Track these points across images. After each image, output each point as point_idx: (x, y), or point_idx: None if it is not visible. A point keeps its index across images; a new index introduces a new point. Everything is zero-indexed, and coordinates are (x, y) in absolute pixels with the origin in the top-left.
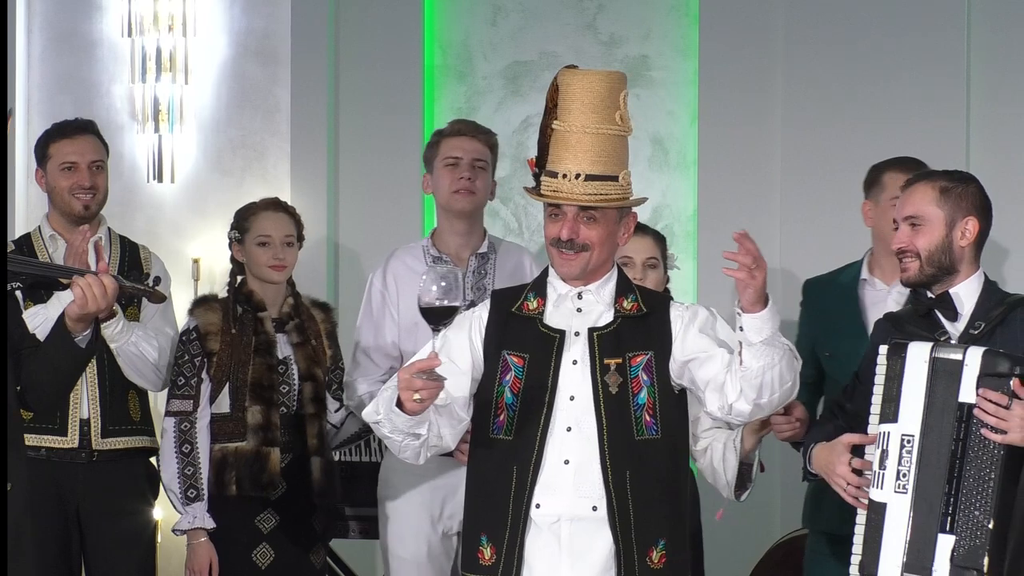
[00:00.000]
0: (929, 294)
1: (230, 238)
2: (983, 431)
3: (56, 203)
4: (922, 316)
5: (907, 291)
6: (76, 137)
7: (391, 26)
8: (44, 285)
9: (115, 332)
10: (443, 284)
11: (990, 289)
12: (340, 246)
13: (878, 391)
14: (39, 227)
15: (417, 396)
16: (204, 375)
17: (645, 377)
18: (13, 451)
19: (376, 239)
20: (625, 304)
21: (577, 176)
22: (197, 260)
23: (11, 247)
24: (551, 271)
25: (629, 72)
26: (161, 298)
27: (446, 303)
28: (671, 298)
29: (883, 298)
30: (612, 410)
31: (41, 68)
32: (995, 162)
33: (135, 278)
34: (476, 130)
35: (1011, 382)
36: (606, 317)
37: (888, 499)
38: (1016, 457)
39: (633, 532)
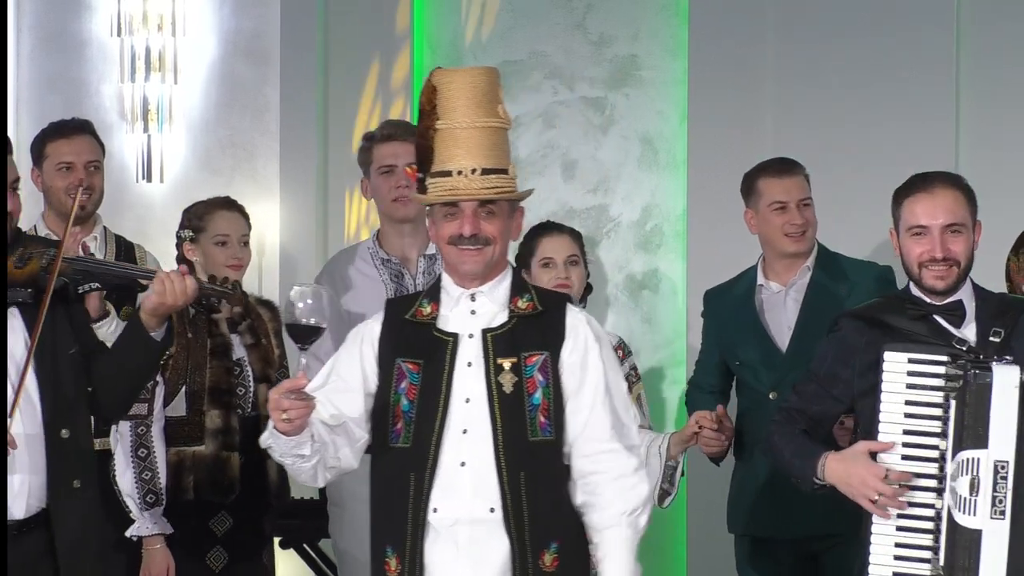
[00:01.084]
0: (927, 300)
1: (182, 237)
2: None
3: (52, 203)
4: (915, 320)
5: (804, 289)
6: (73, 137)
7: (380, 25)
8: (123, 288)
9: (108, 332)
10: (309, 303)
11: (981, 290)
12: (329, 244)
13: (895, 399)
14: (34, 226)
15: (285, 416)
16: (158, 378)
17: (540, 377)
18: (84, 451)
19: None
20: (520, 303)
21: (473, 171)
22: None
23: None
24: (444, 275)
25: (619, 71)
26: (239, 301)
27: (312, 322)
28: (569, 298)
29: (780, 300)
30: (506, 411)
31: (30, 67)
32: (984, 162)
33: (212, 280)
34: (409, 132)
35: None
36: (500, 317)
37: (984, 526)
38: None
39: (527, 535)
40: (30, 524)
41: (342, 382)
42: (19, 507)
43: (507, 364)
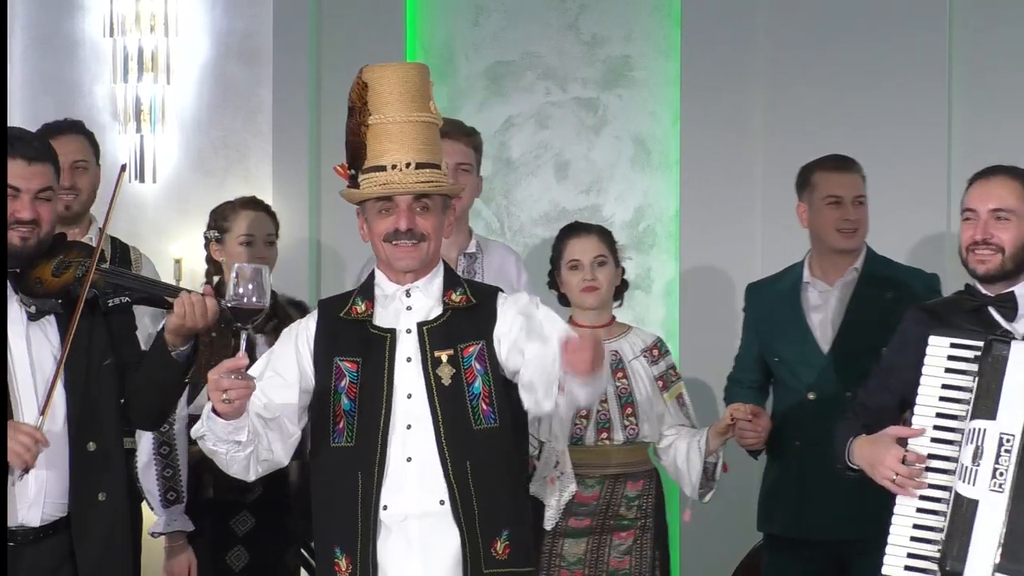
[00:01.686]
0: (983, 291)
1: (208, 238)
2: None
3: None
4: (969, 312)
5: (850, 290)
6: (57, 137)
7: (373, 26)
8: (151, 302)
9: None
10: (250, 285)
11: None
12: (322, 246)
13: (932, 383)
14: None
15: (225, 396)
16: None
17: (479, 366)
18: (112, 463)
19: (358, 239)
20: (454, 297)
21: (408, 165)
22: (179, 260)
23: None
24: (377, 273)
25: (611, 72)
26: (271, 316)
27: (254, 301)
28: (500, 290)
29: (827, 299)
30: (447, 402)
31: (22, 68)
32: (977, 165)
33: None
34: (459, 131)
35: None
36: (435, 311)
37: (981, 496)
38: None
39: (477, 524)
40: (47, 531)
41: (278, 377)
42: (35, 515)
43: (444, 356)
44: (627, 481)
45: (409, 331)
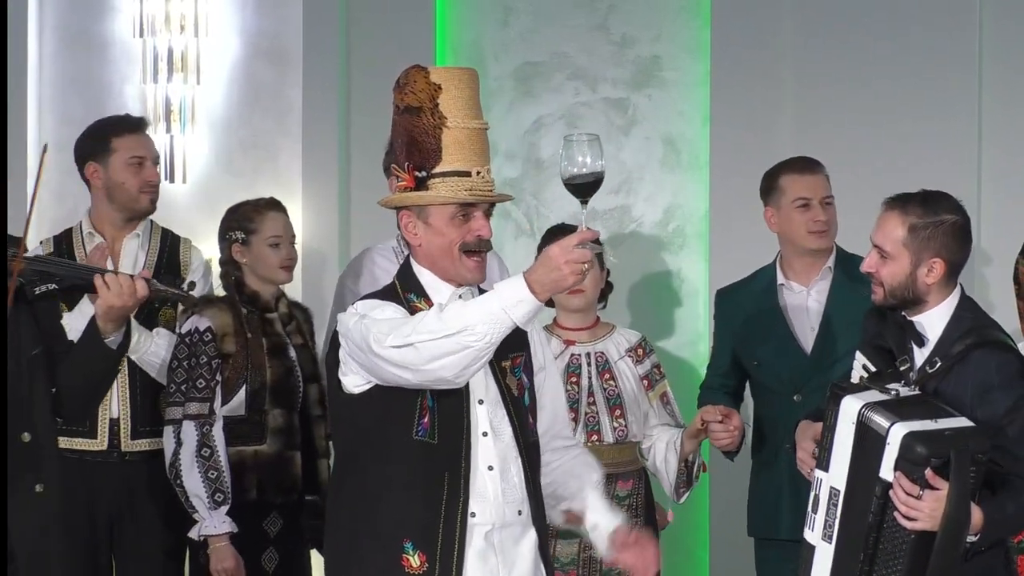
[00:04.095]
0: (903, 312)
1: (232, 238)
2: (895, 514)
3: (118, 198)
4: (897, 327)
5: (826, 290)
6: (141, 133)
7: (402, 27)
8: (79, 288)
9: (133, 344)
10: (588, 158)
11: (960, 318)
12: (352, 245)
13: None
14: (80, 223)
15: (586, 267)
16: (218, 376)
17: (525, 379)
18: (46, 453)
19: (387, 239)
20: None
21: (488, 172)
22: (209, 260)
23: (50, 246)
24: (423, 271)
25: (641, 73)
26: (195, 303)
27: (596, 170)
28: None
29: (803, 299)
30: (518, 412)
31: (53, 68)
32: (1007, 161)
33: (169, 282)
34: None
35: (926, 472)
36: None
37: (817, 543)
38: (927, 539)
39: (542, 529)
40: None
41: None
42: None
43: (508, 366)
44: (617, 480)
45: None
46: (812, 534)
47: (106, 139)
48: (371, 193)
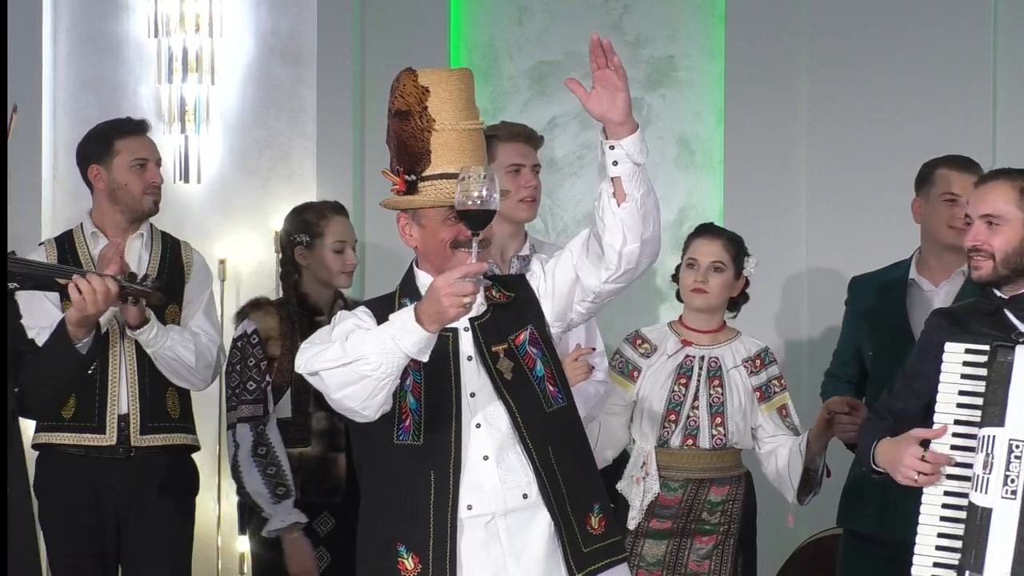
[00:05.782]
0: (999, 293)
1: (295, 240)
2: None
3: (121, 200)
4: (988, 315)
5: (955, 293)
6: (143, 135)
7: (416, 26)
8: (43, 287)
9: (150, 338)
10: (484, 191)
11: None
12: (367, 246)
13: (950, 390)
14: (81, 224)
15: (467, 300)
16: (268, 378)
17: (535, 350)
18: (10, 451)
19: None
20: (494, 293)
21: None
22: (223, 261)
23: (52, 247)
24: (420, 273)
25: (655, 72)
26: (158, 300)
27: (491, 207)
28: (523, 274)
29: (929, 299)
30: (516, 395)
31: (67, 69)
32: (1021, 158)
33: (131, 279)
34: (532, 136)
35: None
36: (480, 309)
37: (994, 504)
38: None
39: (569, 507)
40: None
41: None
42: None
43: (500, 351)
44: (711, 486)
45: (466, 329)
46: (985, 496)
47: (109, 141)
48: (385, 193)
